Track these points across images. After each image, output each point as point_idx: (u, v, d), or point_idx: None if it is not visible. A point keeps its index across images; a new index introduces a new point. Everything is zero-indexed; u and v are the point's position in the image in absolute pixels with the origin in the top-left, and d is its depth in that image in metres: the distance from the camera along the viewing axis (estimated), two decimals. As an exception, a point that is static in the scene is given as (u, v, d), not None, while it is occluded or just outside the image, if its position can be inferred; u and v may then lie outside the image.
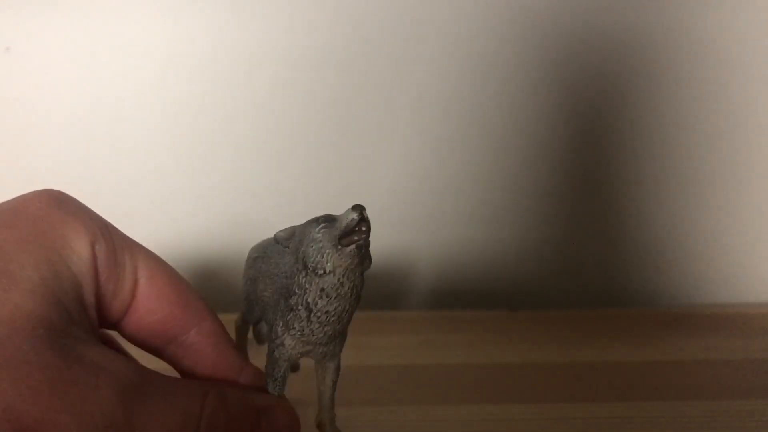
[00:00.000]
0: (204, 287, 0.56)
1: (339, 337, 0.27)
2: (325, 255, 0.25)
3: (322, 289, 0.25)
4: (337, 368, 0.28)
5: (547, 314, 0.54)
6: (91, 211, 0.26)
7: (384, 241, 0.58)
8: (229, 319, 0.29)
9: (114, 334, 0.28)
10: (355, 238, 0.24)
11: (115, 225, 0.27)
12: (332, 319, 0.26)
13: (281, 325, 0.26)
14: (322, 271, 0.25)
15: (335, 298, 0.25)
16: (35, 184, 0.28)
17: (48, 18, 0.55)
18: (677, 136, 0.57)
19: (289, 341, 0.26)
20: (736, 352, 0.45)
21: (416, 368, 0.42)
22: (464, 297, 0.58)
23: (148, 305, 0.26)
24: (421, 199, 0.58)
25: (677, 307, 0.56)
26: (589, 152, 0.58)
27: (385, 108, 0.57)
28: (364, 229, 0.24)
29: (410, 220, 0.58)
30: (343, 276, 0.25)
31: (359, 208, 0.25)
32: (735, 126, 0.57)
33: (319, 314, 0.25)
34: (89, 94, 0.56)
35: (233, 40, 0.56)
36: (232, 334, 0.30)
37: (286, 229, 0.27)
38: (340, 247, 0.24)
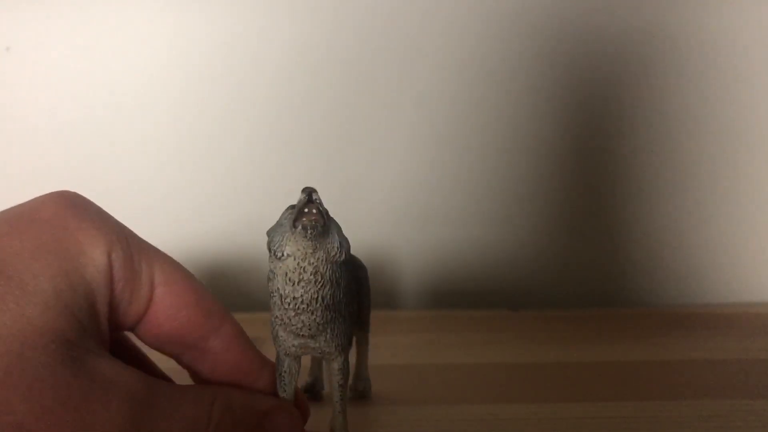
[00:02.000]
0: (212, 287, 0.56)
1: (327, 331, 0.26)
2: (284, 238, 0.25)
3: (285, 274, 0.25)
4: (342, 370, 0.28)
5: (547, 314, 0.54)
6: (106, 214, 0.26)
7: (385, 240, 0.58)
8: (238, 319, 0.29)
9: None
10: (304, 219, 0.24)
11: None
12: (302, 306, 0.25)
13: (272, 315, 0.26)
14: (281, 254, 0.25)
15: (299, 283, 0.25)
16: (37, 185, 0.28)
17: (48, 18, 0.55)
18: (677, 137, 0.57)
19: (281, 333, 0.26)
20: (736, 352, 0.45)
21: (416, 368, 0.42)
22: (464, 297, 0.58)
23: (165, 311, 0.26)
24: (422, 198, 0.58)
25: (677, 307, 0.56)
26: (590, 153, 0.58)
27: (389, 108, 0.57)
28: (315, 211, 0.24)
29: (411, 220, 0.58)
30: (303, 260, 0.25)
31: (308, 190, 0.24)
32: (735, 127, 0.57)
33: (288, 300, 0.25)
34: (91, 93, 0.56)
35: (238, 40, 0.56)
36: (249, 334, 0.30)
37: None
38: (293, 230, 0.24)
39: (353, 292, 0.29)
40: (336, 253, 0.25)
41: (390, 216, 0.58)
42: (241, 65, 0.56)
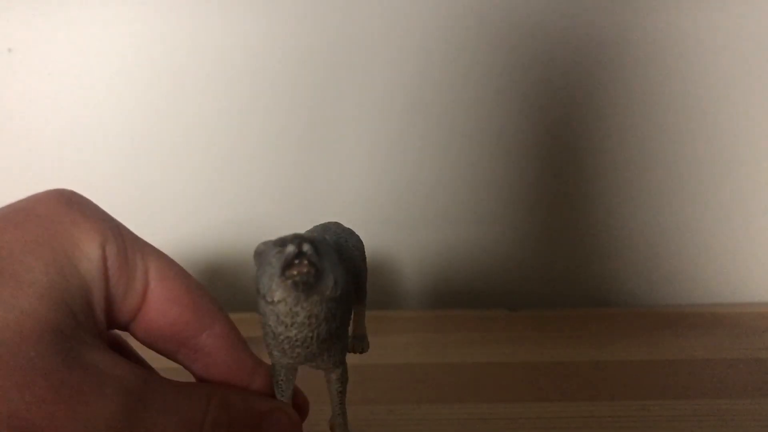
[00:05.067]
0: (209, 287, 0.56)
1: (326, 352, 0.25)
2: (273, 284, 0.23)
3: (277, 317, 0.23)
4: (341, 378, 0.28)
5: (547, 314, 0.54)
6: (102, 211, 0.26)
7: (384, 241, 0.58)
8: (234, 319, 0.29)
9: (125, 334, 0.28)
10: (294, 272, 0.22)
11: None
12: (298, 344, 0.24)
13: (264, 337, 0.25)
14: (270, 300, 0.23)
15: (292, 326, 0.23)
16: (37, 185, 0.28)
17: (50, 19, 0.56)
18: (673, 136, 0.57)
19: (275, 352, 0.26)
20: (736, 351, 0.45)
21: (416, 368, 0.43)
22: (463, 297, 0.58)
23: (159, 307, 0.26)
24: (421, 199, 0.58)
25: (677, 307, 0.56)
26: (589, 154, 0.58)
27: (388, 109, 0.57)
28: (305, 262, 0.22)
29: (410, 220, 0.58)
30: (296, 306, 0.23)
31: (297, 240, 0.22)
32: (732, 126, 0.57)
33: (281, 338, 0.24)
34: (92, 94, 0.57)
35: (229, 43, 0.56)
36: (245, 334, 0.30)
37: (266, 242, 0.25)
38: (283, 277, 0.22)
39: (349, 303, 0.27)
40: (330, 292, 0.23)
41: (389, 216, 0.58)
42: (235, 68, 0.56)
